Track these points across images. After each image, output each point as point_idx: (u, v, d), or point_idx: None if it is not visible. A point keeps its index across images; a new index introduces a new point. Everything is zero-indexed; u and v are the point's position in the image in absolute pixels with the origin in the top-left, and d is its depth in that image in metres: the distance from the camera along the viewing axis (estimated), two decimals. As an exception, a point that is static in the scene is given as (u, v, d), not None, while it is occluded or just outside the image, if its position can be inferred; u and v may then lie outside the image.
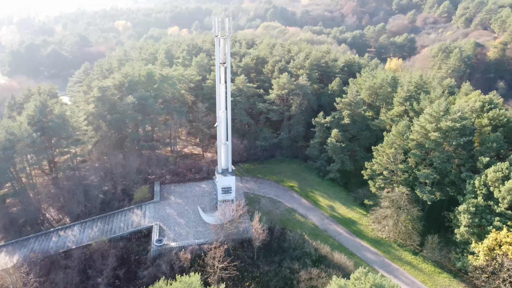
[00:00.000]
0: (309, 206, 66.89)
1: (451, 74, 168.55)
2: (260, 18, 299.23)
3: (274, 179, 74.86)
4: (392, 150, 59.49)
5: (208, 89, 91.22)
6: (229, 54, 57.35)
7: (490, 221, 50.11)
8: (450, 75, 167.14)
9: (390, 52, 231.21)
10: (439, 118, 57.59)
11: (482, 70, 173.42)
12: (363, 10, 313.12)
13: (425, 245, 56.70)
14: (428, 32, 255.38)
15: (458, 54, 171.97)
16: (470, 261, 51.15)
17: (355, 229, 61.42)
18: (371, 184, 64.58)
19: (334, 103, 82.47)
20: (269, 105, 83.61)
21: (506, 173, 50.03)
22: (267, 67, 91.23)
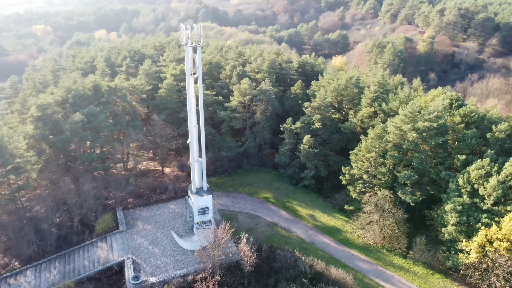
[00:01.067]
0: (290, 218, 63.98)
1: (387, 69, 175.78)
2: (192, 18, 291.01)
3: (246, 191, 70.89)
4: (373, 154, 58.45)
5: (161, 99, 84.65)
6: (200, 64, 52.25)
7: (477, 218, 50.77)
8: (386, 69, 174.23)
9: (325, 49, 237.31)
10: (415, 119, 57.57)
11: (414, 63, 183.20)
12: (293, 8, 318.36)
13: (413, 247, 56.42)
14: (358, 28, 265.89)
15: (392, 49, 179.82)
16: (460, 259, 51.56)
17: (341, 237, 59.64)
18: (350, 189, 63.25)
19: (298, 106, 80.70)
20: (231, 113, 79.31)
21: (488, 169, 50.96)
22: (225, 73, 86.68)
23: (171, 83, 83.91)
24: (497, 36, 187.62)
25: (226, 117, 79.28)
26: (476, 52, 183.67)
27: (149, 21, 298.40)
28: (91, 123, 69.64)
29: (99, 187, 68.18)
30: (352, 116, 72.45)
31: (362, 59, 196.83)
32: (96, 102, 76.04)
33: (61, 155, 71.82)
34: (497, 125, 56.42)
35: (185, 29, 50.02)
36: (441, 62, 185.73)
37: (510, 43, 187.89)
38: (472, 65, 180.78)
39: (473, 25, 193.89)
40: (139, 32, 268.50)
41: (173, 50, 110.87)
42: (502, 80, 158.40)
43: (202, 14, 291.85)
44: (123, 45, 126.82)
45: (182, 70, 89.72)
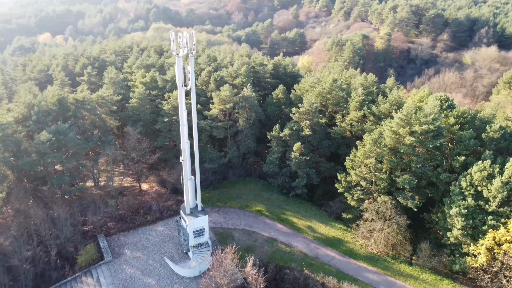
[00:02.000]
0: (288, 231, 61.05)
1: (348, 66, 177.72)
2: (143, 19, 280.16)
3: (237, 205, 67.04)
4: (372, 160, 56.82)
5: (133, 110, 78.49)
6: (193, 74, 47.69)
7: (483, 221, 50.58)
8: (347, 67, 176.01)
9: (283, 48, 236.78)
10: (411, 122, 56.61)
11: (372, 60, 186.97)
12: (247, 7, 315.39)
13: (417, 253, 55.55)
14: (313, 26, 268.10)
15: (351, 46, 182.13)
16: (468, 263, 51.25)
17: (344, 249, 57.62)
18: (348, 197, 61.37)
19: (281, 112, 77.92)
20: (212, 122, 74.87)
21: (490, 171, 50.84)
22: (201, 79, 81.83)
23: (143, 93, 77.97)
24: (447, 31, 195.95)
25: (206, 126, 74.76)
26: (430, 47, 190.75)
27: (96, 22, 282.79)
28: (60, 142, 62.64)
29: (74, 213, 61.48)
30: (340, 120, 70.70)
31: (322, 57, 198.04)
32: (62, 118, 68.80)
33: (27, 179, 64.10)
34: (489, 124, 56.73)
35: (176, 37, 45.15)
36: (398, 58, 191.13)
37: (459, 38, 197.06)
38: (427, 60, 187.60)
39: (424, 22, 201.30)
40: (86, 34, 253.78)
41: (138, 55, 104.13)
42: (457, 74, 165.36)
43: (154, 14, 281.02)
44: (78, 51, 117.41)
45: (152, 77, 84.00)
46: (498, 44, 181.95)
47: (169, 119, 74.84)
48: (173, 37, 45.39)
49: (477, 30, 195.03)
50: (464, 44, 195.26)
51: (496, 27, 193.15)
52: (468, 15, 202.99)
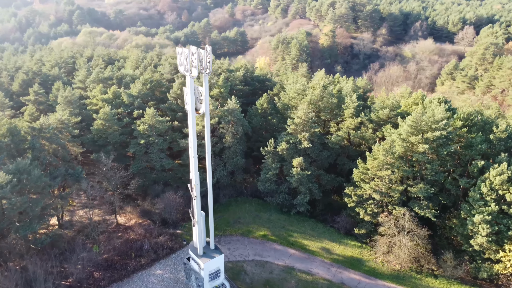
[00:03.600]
0: (302, 256, 56.04)
1: (296, 64, 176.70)
2: (66, 22, 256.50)
3: (238, 232, 60.56)
4: (389, 172, 53.69)
5: (100, 133, 68.24)
6: (207, 97, 40.46)
7: (507, 225, 49.76)
8: (295, 65, 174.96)
9: (225, 48, 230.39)
10: (422, 129, 54.38)
11: (319, 57, 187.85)
12: (179, 6, 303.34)
13: (440, 264, 53.60)
14: (251, 24, 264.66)
15: (297, 44, 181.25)
16: (496, 270, 50.26)
17: (367, 269, 54.00)
18: (360, 211, 57.81)
19: (267, 123, 72.62)
20: (195, 140, 67.09)
21: (509, 173, 50.06)
22: (173, 91, 73.38)
23: (108, 112, 67.88)
24: (385, 26, 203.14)
25: (187, 146, 66.77)
26: (371, 42, 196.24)
27: (11, 28, 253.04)
28: (22, 182, 51.46)
29: (49, 267, 50.89)
30: (335, 128, 67.07)
31: (268, 55, 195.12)
32: (16, 151, 57.15)
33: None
34: (495, 125, 56.36)
35: (189, 54, 37.57)
36: (343, 54, 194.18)
37: (396, 32, 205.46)
38: (370, 55, 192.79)
39: (362, 17, 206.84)
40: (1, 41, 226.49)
41: (87, 67, 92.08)
42: (400, 67, 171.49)
43: (78, 16, 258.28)
44: (9, 64, 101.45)
45: (115, 93, 74.05)
46: (432, 37, 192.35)
47: (145, 141, 65.81)
48: (186, 54, 37.68)
49: (411, 24, 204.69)
50: (401, 37, 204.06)
51: (427, 20, 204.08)
52: (402, 9, 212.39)
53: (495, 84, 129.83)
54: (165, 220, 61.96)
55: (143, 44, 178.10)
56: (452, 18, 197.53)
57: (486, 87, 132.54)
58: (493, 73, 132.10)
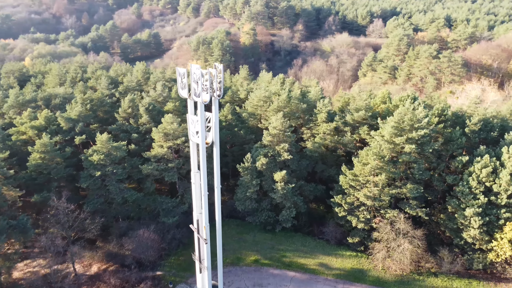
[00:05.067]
0: (304, 277, 52.24)
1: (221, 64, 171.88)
2: None
3: (227, 261, 54.39)
4: (382, 177, 52.22)
5: (39, 168, 56.81)
6: (217, 124, 34.15)
7: (497, 215, 51.49)
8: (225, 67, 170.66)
9: (138, 51, 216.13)
10: (405, 129, 53.94)
11: (242, 56, 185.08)
12: (76, 8, 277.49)
13: (437, 261, 53.87)
14: (162, 25, 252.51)
15: (219, 44, 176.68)
16: (490, 259, 51.91)
17: (372, 279, 52.16)
18: (352, 220, 55.73)
19: (234, 136, 67.19)
20: (159, 165, 59.24)
21: (493, 165, 51.77)
22: (123, 110, 63.79)
23: (47, 143, 56.70)
24: (300, 22, 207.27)
25: (153, 171, 58.69)
26: (290, 38, 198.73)
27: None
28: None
29: None
30: (308, 135, 64.20)
31: (189, 57, 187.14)
32: None
33: None
34: (468, 118, 58.13)
35: (199, 76, 30.85)
36: (265, 51, 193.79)
37: (311, 27, 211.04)
38: (290, 51, 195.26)
39: (278, 14, 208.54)
40: None
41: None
42: (323, 61, 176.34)
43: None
44: None
45: (49, 118, 62.52)
46: (346, 30, 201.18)
47: (101, 172, 56.05)
48: (197, 75, 30.86)
49: (324, 19, 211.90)
50: (316, 32, 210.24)
51: (338, 14, 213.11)
52: (313, 4, 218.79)
53: (414, 73, 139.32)
54: (140, 262, 53.45)
55: (47, 53, 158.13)
56: (360, 11, 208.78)
57: (406, 76, 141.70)
58: (411, 63, 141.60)
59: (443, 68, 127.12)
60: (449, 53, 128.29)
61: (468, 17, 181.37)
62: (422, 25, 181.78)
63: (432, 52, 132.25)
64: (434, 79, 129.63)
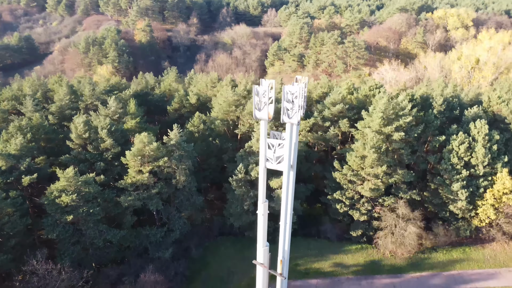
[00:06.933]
0: (326, 282, 50.72)
1: (118, 67, 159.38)
2: None
3: (242, 284, 50.00)
4: (384, 167, 53.05)
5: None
6: (297, 145, 29.73)
7: (476, 185, 56.86)
8: (117, 68, 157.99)
9: (7, 59, 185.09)
10: (391, 118, 55.66)
11: (140, 55, 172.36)
12: None
13: (432, 236, 57.46)
14: (29, 26, 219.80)
15: (113, 44, 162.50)
16: (475, 225, 57.40)
17: (388, 268, 53.20)
18: (354, 214, 55.95)
19: (208, 147, 61.57)
20: (140, 193, 50.89)
21: (467, 142, 56.67)
22: (77, 136, 52.61)
23: (-7, 192, 44.23)
24: (194, 15, 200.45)
25: (134, 203, 50.17)
26: (186, 33, 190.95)
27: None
28: None
29: None
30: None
31: (78, 61, 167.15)
32: None
33: None
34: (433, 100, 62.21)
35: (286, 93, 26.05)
36: (163, 48, 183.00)
37: (205, 20, 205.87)
38: (189, 46, 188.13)
39: (169, 8, 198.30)
40: None
41: None
42: (226, 54, 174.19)
43: None
44: None
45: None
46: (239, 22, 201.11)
47: (74, 215, 45.82)
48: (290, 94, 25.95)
49: (216, 11, 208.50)
50: (210, 25, 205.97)
51: (229, 6, 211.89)
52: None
53: (322, 59, 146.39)
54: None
55: None
56: (250, 2, 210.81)
57: (315, 63, 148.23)
58: (317, 49, 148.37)
59: (349, 52, 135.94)
60: (352, 38, 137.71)
61: (350, 3, 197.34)
62: (314, 13, 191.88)
63: (337, 38, 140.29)
64: (343, 63, 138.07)
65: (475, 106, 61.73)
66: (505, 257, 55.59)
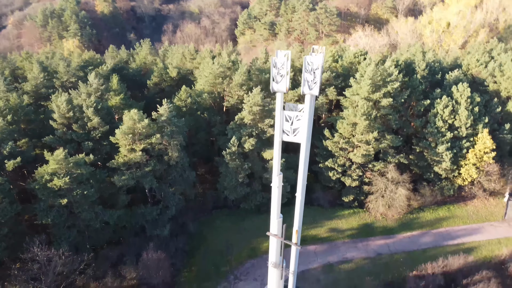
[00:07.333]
0: (324, 247, 52.33)
1: (82, 40, 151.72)
2: None
3: (244, 257, 50.75)
4: (376, 133, 54.10)
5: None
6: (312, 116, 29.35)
7: (459, 146, 59.28)
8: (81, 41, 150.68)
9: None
10: (378, 84, 56.35)
11: (104, 27, 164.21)
12: None
13: (419, 197, 59.93)
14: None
15: (74, 16, 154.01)
16: (458, 184, 60.33)
17: (380, 230, 55.45)
18: (346, 180, 57.32)
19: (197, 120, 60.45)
20: (132, 173, 49.57)
21: (450, 105, 58.53)
22: (61, 116, 49.87)
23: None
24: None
25: (128, 182, 48.92)
26: (150, 2, 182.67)
27: None
28: None
29: None
30: (277, 105, 61.55)
31: (36, 35, 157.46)
32: None
33: None
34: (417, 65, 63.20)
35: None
36: (127, 19, 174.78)
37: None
38: (155, 16, 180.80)
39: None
40: None
41: None
42: (195, 24, 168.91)
43: None
44: None
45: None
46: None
47: (68, 199, 44.27)
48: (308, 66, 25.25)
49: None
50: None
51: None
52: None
53: (293, 27, 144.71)
54: (152, 287, 45.45)
55: None
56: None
57: (287, 30, 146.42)
58: (288, 17, 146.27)
59: (321, 19, 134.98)
60: (324, 4, 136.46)
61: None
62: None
63: (308, 4, 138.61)
64: (315, 31, 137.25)
65: (455, 70, 63.46)
66: (486, 212, 59.06)
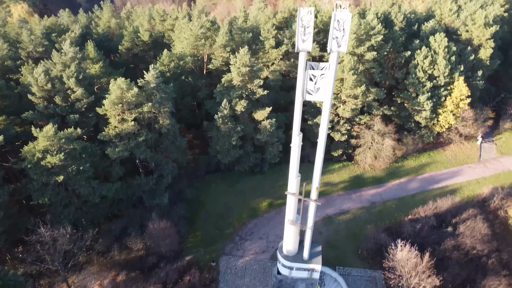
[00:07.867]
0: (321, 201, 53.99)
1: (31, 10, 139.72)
2: None
3: (246, 218, 51.56)
4: (363, 87, 55.07)
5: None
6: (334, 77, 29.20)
7: (438, 94, 61.90)
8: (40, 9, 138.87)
9: None
10: (362, 38, 56.80)
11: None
12: None
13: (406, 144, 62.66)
14: None
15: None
16: (437, 131, 63.64)
17: (370, 180, 57.99)
18: (335, 135, 58.72)
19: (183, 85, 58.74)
20: (125, 144, 47.87)
21: (429, 56, 60.31)
22: (40, 89, 46.48)
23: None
24: None
25: (123, 153, 47.32)
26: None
27: None
28: None
29: None
30: (261, 65, 60.77)
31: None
32: None
33: None
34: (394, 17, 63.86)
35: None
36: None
37: None
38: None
39: None
40: None
41: None
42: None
43: None
44: None
45: None
46: None
47: (64, 176, 42.47)
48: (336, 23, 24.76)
49: None
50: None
51: None
52: None
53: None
54: (162, 257, 45.44)
55: None
56: None
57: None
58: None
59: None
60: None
61: None
62: None
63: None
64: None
65: (431, 20, 64.94)
66: (463, 155, 63.07)
